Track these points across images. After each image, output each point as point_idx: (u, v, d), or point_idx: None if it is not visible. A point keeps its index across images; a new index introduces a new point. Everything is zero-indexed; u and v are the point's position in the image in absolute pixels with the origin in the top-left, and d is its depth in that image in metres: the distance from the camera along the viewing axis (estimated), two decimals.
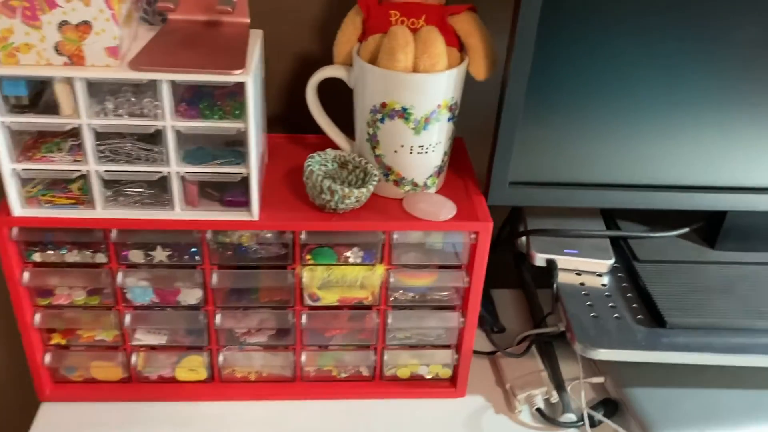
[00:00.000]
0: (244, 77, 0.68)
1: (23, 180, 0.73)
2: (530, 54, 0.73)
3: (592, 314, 0.84)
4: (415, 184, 0.81)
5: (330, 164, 0.82)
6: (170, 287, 0.81)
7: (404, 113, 0.75)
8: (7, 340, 1.17)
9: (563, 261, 0.90)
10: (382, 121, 0.77)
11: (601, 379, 0.89)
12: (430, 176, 0.81)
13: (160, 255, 0.79)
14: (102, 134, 0.72)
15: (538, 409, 0.85)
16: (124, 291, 0.81)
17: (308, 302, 0.82)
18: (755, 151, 0.83)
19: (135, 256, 0.79)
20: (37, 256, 0.78)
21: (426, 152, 0.79)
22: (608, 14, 0.73)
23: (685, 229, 0.94)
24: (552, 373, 0.91)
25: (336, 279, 0.80)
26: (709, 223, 0.93)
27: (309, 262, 0.79)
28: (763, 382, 0.84)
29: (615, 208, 0.93)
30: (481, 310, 0.95)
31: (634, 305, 0.86)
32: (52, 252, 0.78)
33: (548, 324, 0.94)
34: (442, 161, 0.82)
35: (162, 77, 0.67)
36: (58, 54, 0.67)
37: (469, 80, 0.79)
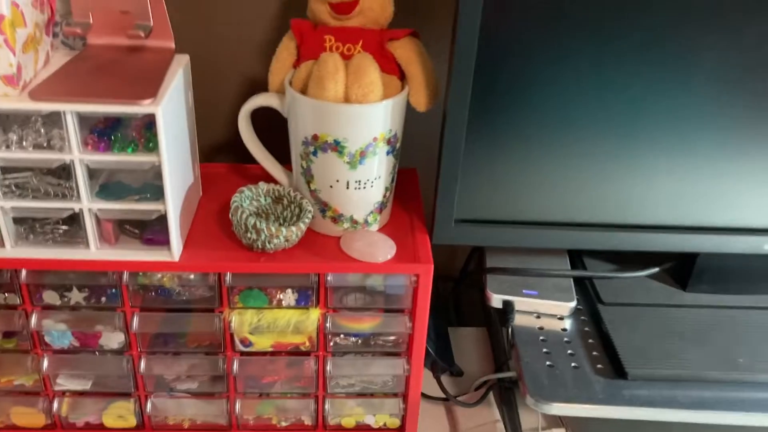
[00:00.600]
0: (154, 108, 0.62)
1: None
2: (470, 82, 0.67)
3: (548, 363, 0.77)
4: (355, 222, 0.75)
5: (263, 199, 0.76)
6: (90, 330, 0.75)
7: (337, 146, 0.70)
8: None
9: (521, 303, 0.83)
10: (314, 154, 0.71)
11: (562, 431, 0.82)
12: (371, 213, 0.75)
13: (77, 296, 0.73)
14: (7, 168, 0.66)
15: None
16: (42, 334, 0.75)
17: (239, 348, 0.76)
18: (727, 189, 0.76)
19: (50, 297, 0.73)
20: None
21: (364, 188, 0.73)
22: (558, 40, 0.67)
23: (655, 269, 0.87)
24: (510, 423, 0.84)
25: (267, 323, 0.74)
26: (681, 262, 0.86)
27: (237, 305, 0.73)
28: None
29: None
30: (433, 353, 0.89)
31: (595, 353, 0.79)
32: None
33: (510, 368, 0.87)
34: (384, 197, 0.76)
35: (63, 108, 0.62)
36: None
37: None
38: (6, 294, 0.72)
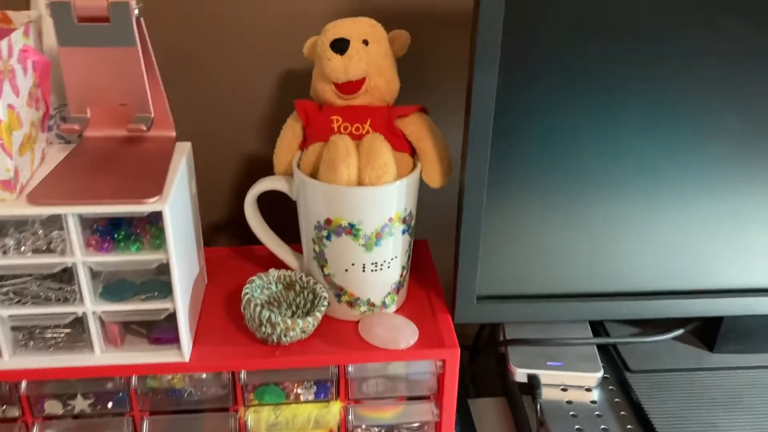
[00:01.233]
0: (161, 205, 0.59)
1: None
2: (486, 156, 0.64)
3: None
4: (372, 305, 0.72)
5: (274, 286, 0.73)
6: None
7: (352, 229, 0.67)
8: None
9: (546, 376, 0.80)
10: (328, 238, 0.68)
11: None
12: (388, 294, 0.72)
13: (81, 404, 0.68)
14: (4, 275, 0.63)
15: None
16: None
17: None
18: (749, 250, 0.74)
19: (52, 406, 0.68)
20: None
21: (381, 269, 0.70)
22: (575, 108, 0.65)
23: (680, 331, 0.84)
24: None
25: (286, 420, 0.69)
26: (707, 321, 0.83)
27: (253, 402, 0.69)
28: None
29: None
30: None
31: (630, 426, 0.75)
32: None
33: None
34: (401, 276, 0.72)
35: (64, 211, 0.59)
36: None
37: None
38: (4, 406, 0.68)
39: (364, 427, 0.73)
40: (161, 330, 0.68)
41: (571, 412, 0.77)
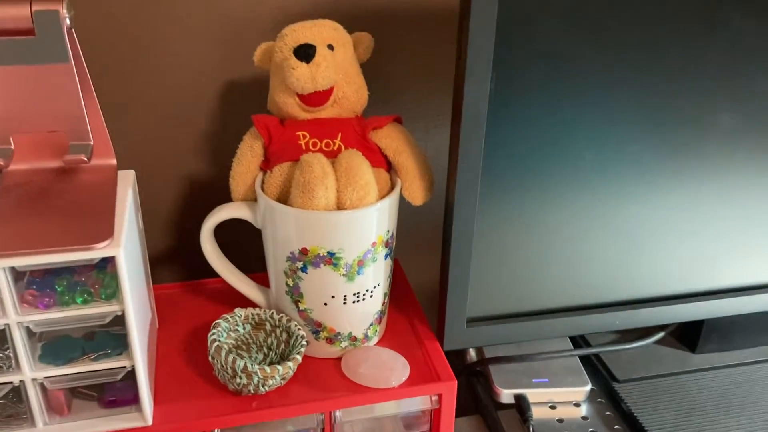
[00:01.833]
0: (114, 250, 0.50)
1: None
2: (478, 170, 0.59)
3: None
4: (354, 339, 0.65)
5: (241, 327, 0.64)
6: None
7: (332, 259, 0.59)
8: None
9: (533, 394, 0.75)
10: (304, 270, 0.60)
11: None
12: (371, 325, 0.65)
13: None
14: None
15: None
16: None
17: None
18: (726, 251, 0.72)
19: None
20: None
21: (363, 299, 0.63)
22: (569, 111, 0.60)
23: (661, 334, 0.82)
24: None
25: None
26: (686, 323, 0.81)
27: None
28: None
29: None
30: None
31: None
32: None
33: None
34: (383, 305, 0.66)
35: None
36: None
37: None
38: None
39: None
40: (115, 390, 0.58)
41: None
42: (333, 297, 0.62)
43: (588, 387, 0.76)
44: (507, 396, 0.76)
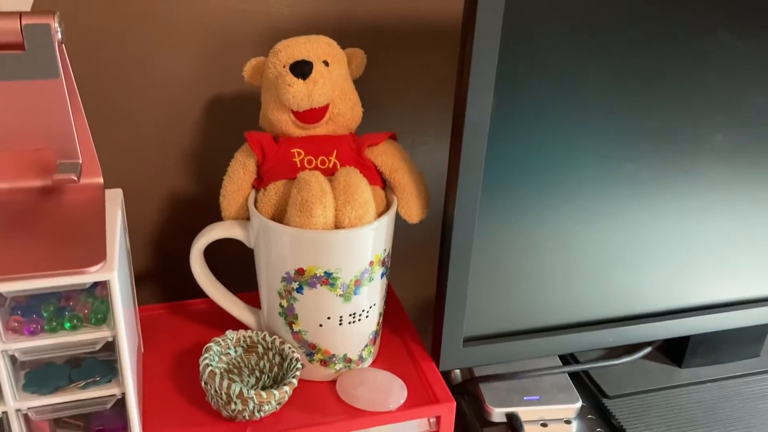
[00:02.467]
0: (108, 274, 0.48)
1: None
2: (478, 186, 0.58)
3: None
4: (349, 360, 0.63)
5: (233, 350, 0.62)
6: None
7: (329, 279, 0.58)
8: None
9: (525, 412, 0.75)
10: (299, 290, 0.59)
11: None
12: (366, 346, 0.64)
13: None
14: None
15: None
16: None
17: None
18: (713, 267, 0.73)
19: None
20: None
21: (359, 320, 0.61)
22: (564, 142, 0.60)
23: (648, 349, 0.82)
24: None
25: None
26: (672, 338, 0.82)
27: None
28: None
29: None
30: None
31: None
32: None
33: None
34: (378, 325, 0.65)
35: None
36: None
37: None
38: None
39: None
40: (103, 419, 0.56)
41: None
42: (329, 318, 0.60)
43: (579, 404, 0.76)
44: (499, 415, 0.75)
